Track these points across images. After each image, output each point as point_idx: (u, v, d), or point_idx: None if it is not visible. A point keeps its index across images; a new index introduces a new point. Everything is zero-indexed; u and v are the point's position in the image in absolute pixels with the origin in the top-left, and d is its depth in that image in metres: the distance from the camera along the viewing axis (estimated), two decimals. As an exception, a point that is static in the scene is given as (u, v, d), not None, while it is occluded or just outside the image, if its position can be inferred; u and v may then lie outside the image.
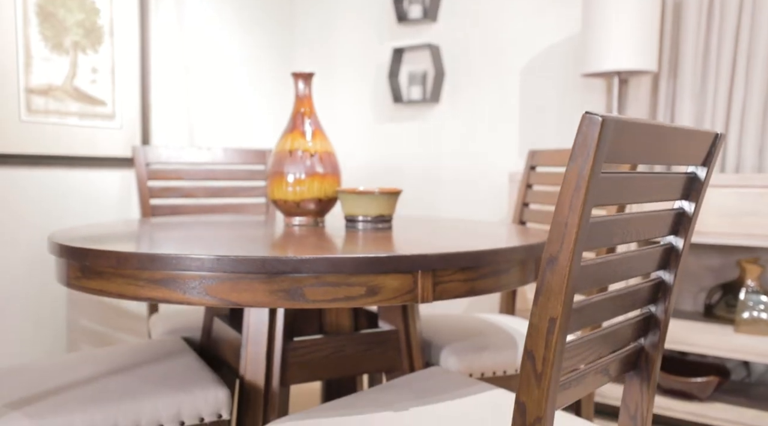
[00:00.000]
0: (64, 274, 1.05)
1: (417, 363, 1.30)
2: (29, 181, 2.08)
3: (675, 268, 0.89)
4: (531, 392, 0.67)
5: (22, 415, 0.96)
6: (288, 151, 1.38)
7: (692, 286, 2.20)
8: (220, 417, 1.08)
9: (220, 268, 0.90)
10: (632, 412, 0.92)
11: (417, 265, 0.93)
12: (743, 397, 1.92)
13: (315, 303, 0.91)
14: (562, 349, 0.66)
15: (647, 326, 0.90)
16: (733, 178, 1.78)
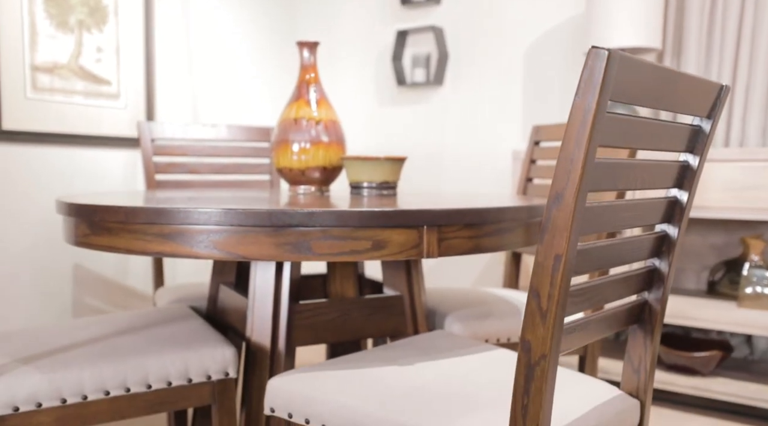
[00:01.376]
0: (72, 232, 1.06)
1: (422, 328, 1.30)
2: (35, 158, 2.09)
3: (679, 223, 0.89)
4: (536, 330, 0.68)
5: (34, 370, 0.97)
6: (293, 120, 1.38)
7: (695, 265, 2.20)
8: (227, 375, 1.09)
9: (227, 221, 0.91)
10: (636, 366, 0.93)
11: (422, 220, 0.94)
12: (746, 372, 1.93)
13: (321, 256, 0.92)
14: (567, 287, 0.67)
15: (651, 280, 0.91)
16: (737, 153, 1.78)
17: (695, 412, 1.87)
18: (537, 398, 0.68)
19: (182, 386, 1.05)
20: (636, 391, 0.93)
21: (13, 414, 0.94)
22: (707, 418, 1.81)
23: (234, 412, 1.11)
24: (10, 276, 2.03)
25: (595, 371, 1.47)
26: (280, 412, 0.91)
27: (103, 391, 0.99)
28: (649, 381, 0.93)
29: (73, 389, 0.97)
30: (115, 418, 1.01)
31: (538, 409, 0.68)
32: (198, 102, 2.64)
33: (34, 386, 0.95)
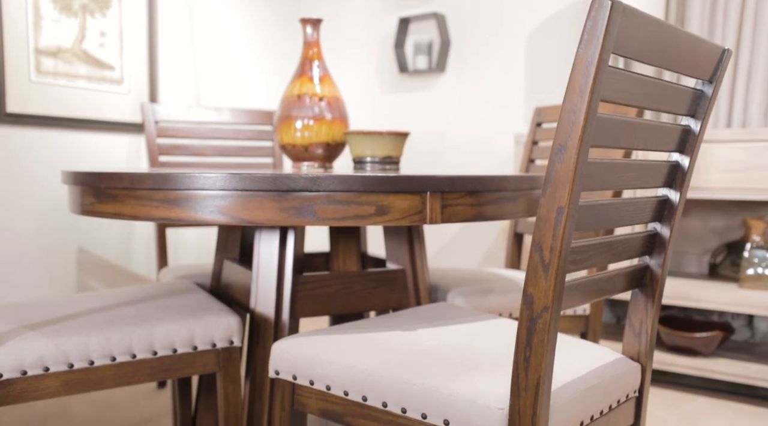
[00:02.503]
0: (77, 201, 1.07)
1: (424, 301, 1.31)
2: (39, 141, 2.10)
3: (680, 188, 0.90)
4: (538, 283, 0.69)
5: (41, 335, 0.98)
6: (296, 96, 1.39)
7: (697, 249, 2.21)
8: (232, 343, 1.10)
9: (231, 186, 0.91)
10: (637, 330, 0.94)
11: (425, 186, 0.94)
12: (747, 354, 1.94)
13: (325, 221, 0.92)
14: (569, 240, 0.68)
15: (652, 244, 0.91)
16: (739, 133, 1.78)
17: (696, 393, 1.88)
18: (539, 350, 0.69)
19: (187, 354, 1.07)
20: (637, 355, 0.94)
21: (21, 378, 0.95)
22: (708, 398, 1.82)
23: (239, 381, 1.12)
24: (16, 259, 2.04)
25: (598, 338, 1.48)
26: (285, 375, 0.92)
27: (110, 356, 1.01)
28: (650, 345, 0.94)
29: (80, 354, 0.99)
30: (121, 384, 1.02)
31: (540, 361, 0.69)
32: (200, 88, 2.65)
33: (41, 350, 0.96)
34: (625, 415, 0.90)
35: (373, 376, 0.83)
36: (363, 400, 0.84)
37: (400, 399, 0.80)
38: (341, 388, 0.86)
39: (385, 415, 0.82)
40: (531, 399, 0.70)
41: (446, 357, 0.86)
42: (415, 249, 1.32)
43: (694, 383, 1.97)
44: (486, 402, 0.74)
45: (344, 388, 0.86)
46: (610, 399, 0.85)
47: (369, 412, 0.84)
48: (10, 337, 0.97)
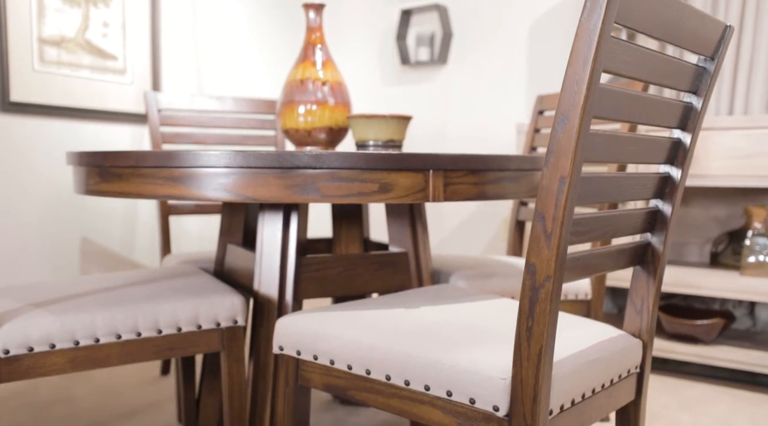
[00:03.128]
0: (83, 182, 1.08)
1: (426, 284, 1.32)
2: (42, 130, 2.10)
3: (682, 164, 0.91)
4: (541, 253, 0.69)
5: (47, 313, 0.99)
6: (299, 81, 1.40)
7: (698, 238, 2.21)
8: (236, 322, 1.11)
9: (236, 163, 0.92)
10: (638, 307, 0.95)
11: (429, 164, 0.95)
12: (748, 342, 1.94)
13: (328, 198, 0.93)
14: (571, 209, 0.68)
15: (654, 221, 0.92)
16: (741, 120, 1.78)
17: (697, 380, 1.88)
18: (541, 319, 0.70)
19: (192, 332, 1.07)
20: (638, 332, 0.94)
21: (27, 354, 0.96)
22: (709, 385, 1.83)
23: (243, 360, 1.13)
24: (20, 248, 2.05)
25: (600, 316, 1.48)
26: (289, 350, 0.93)
27: (115, 334, 1.01)
28: (651, 322, 0.94)
29: (86, 332, 0.99)
30: (126, 362, 1.03)
31: (542, 331, 0.70)
32: (203, 79, 2.66)
33: (47, 327, 0.97)
34: (627, 390, 0.91)
35: (376, 349, 0.84)
36: (366, 373, 0.85)
37: (403, 372, 0.81)
38: (345, 363, 0.87)
39: (389, 387, 0.83)
40: (533, 369, 0.71)
41: (449, 332, 0.87)
42: (418, 232, 1.32)
43: (695, 371, 1.97)
44: (488, 373, 0.75)
45: (348, 362, 0.86)
46: (611, 373, 0.86)
47: (372, 385, 0.85)
48: (16, 314, 0.98)
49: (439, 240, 2.85)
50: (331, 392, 0.89)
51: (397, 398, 0.83)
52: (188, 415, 1.47)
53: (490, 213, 2.70)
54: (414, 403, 0.81)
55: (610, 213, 0.81)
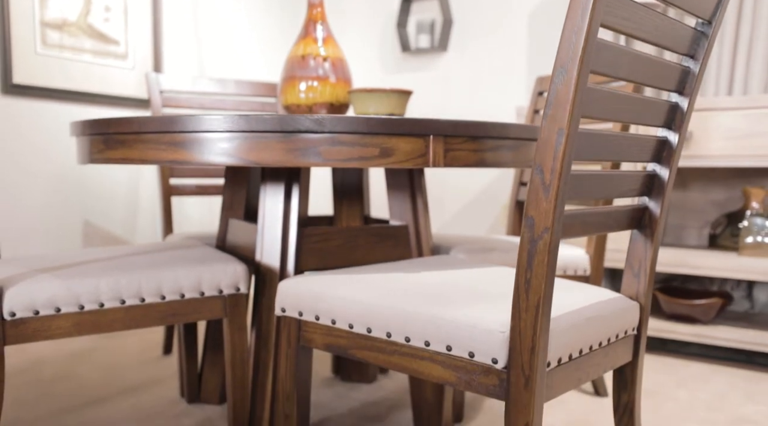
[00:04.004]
0: (86, 150, 1.09)
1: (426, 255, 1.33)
2: (44, 113, 2.11)
3: (679, 129, 0.92)
4: (539, 205, 0.70)
5: (52, 277, 1.00)
6: (300, 57, 1.41)
7: (696, 221, 2.22)
8: (238, 290, 1.12)
9: (238, 127, 0.93)
10: (636, 270, 0.96)
11: (429, 129, 0.96)
12: (746, 322, 1.95)
13: (330, 162, 0.94)
14: (569, 161, 0.70)
15: (651, 185, 0.93)
16: (740, 100, 1.79)
17: (694, 360, 1.89)
18: (539, 271, 0.71)
19: (195, 299, 1.09)
20: (636, 295, 0.96)
21: (33, 317, 0.98)
22: (705, 364, 1.84)
23: (245, 328, 1.14)
24: (23, 231, 2.06)
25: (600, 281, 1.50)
26: (291, 311, 0.94)
27: (119, 299, 1.03)
28: (649, 285, 0.95)
29: (90, 296, 1.01)
30: (130, 327, 1.04)
31: (540, 283, 0.71)
32: (204, 65, 2.67)
33: (53, 291, 0.98)
34: (624, 351, 0.92)
35: (377, 307, 0.85)
36: (367, 331, 0.86)
37: (403, 328, 0.82)
38: (346, 322, 0.88)
39: (389, 345, 0.84)
40: (531, 320, 0.72)
41: (448, 291, 0.88)
42: (418, 206, 1.34)
43: (693, 351, 1.99)
44: (487, 326, 0.76)
45: (349, 321, 0.88)
46: (608, 332, 0.87)
47: (373, 343, 0.86)
48: (22, 278, 0.99)
49: (439, 225, 2.86)
50: (332, 352, 0.90)
51: (397, 355, 0.84)
52: (191, 389, 1.49)
53: (491, 198, 2.71)
54: (414, 359, 0.82)
55: (608, 172, 0.82)
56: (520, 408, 0.73)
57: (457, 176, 2.81)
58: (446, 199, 2.84)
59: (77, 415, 1.42)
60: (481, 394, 0.77)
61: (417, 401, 1.34)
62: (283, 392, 0.96)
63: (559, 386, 0.78)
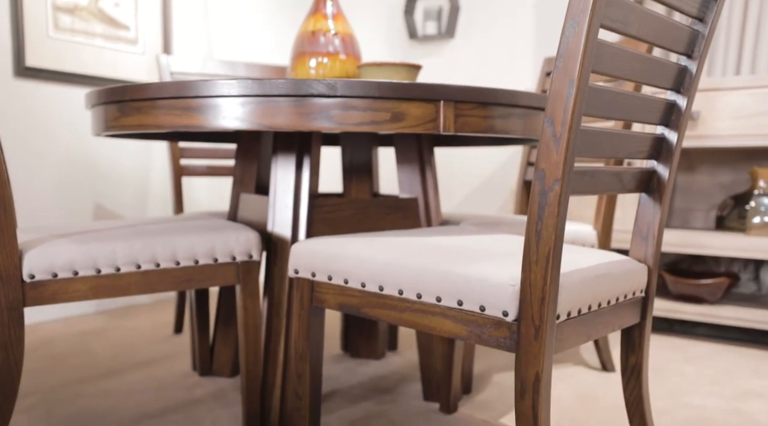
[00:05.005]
0: (101, 120, 1.11)
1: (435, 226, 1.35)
2: (56, 96, 2.14)
3: (688, 92, 0.93)
4: (549, 157, 0.72)
5: (71, 242, 1.02)
6: (311, 33, 1.42)
7: (704, 204, 2.22)
8: (251, 257, 1.14)
9: (252, 91, 0.95)
10: (644, 234, 0.97)
11: (439, 94, 0.97)
12: (753, 303, 1.96)
13: (342, 126, 0.96)
14: (579, 113, 0.71)
15: (660, 148, 0.94)
16: (748, 79, 1.80)
17: (701, 340, 1.90)
18: (550, 222, 0.72)
19: (209, 265, 1.11)
20: (644, 258, 0.97)
21: (52, 280, 1.00)
22: (713, 344, 1.85)
23: (257, 294, 1.16)
24: (36, 214, 2.09)
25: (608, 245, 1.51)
26: (304, 273, 0.96)
27: (135, 264, 1.05)
28: (657, 249, 0.96)
29: (107, 260, 1.03)
30: (146, 291, 1.06)
31: (551, 234, 0.72)
32: (214, 51, 2.68)
33: (70, 254, 1.00)
34: (632, 311, 0.94)
35: (389, 265, 0.86)
36: (380, 289, 0.88)
37: (415, 285, 0.84)
38: (358, 281, 0.90)
39: (401, 302, 0.86)
40: (541, 271, 0.73)
41: (459, 251, 0.90)
42: (427, 179, 1.35)
43: (701, 332, 1.99)
44: (498, 280, 0.77)
45: (361, 280, 0.89)
46: (616, 291, 0.88)
47: (385, 301, 0.88)
48: (41, 242, 1.01)
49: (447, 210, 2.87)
50: (344, 311, 0.92)
51: (409, 312, 0.85)
52: (203, 362, 1.51)
53: (499, 183, 2.72)
54: (426, 315, 0.84)
55: (618, 131, 0.83)
56: (530, 358, 0.75)
57: (465, 161, 2.82)
58: (454, 184, 2.85)
59: (91, 385, 1.44)
60: (491, 346, 0.78)
61: (426, 373, 1.36)
62: (296, 352, 0.98)
63: (568, 340, 0.80)
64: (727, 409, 1.34)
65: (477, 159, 2.79)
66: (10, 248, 0.97)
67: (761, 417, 1.29)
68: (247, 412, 1.17)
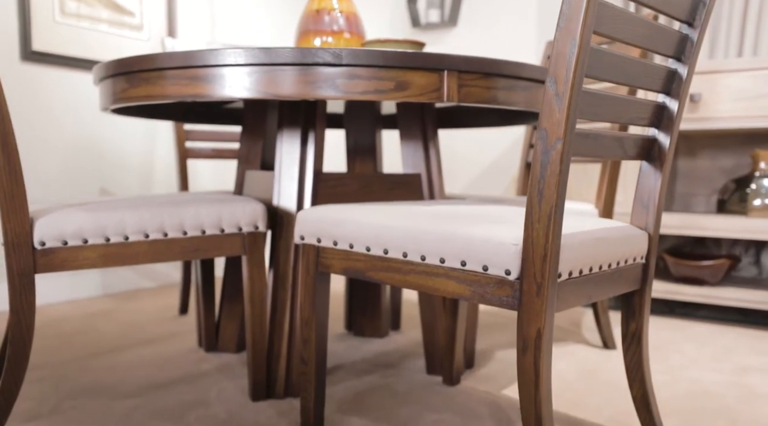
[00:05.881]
0: (109, 93, 1.12)
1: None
2: (62, 81, 2.16)
3: (688, 60, 0.94)
4: (552, 116, 0.73)
5: (79, 210, 1.04)
6: (315, 11, 1.43)
7: (705, 189, 2.23)
8: (257, 228, 1.16)
9: (258, 60, 0.96)
10: (645, 202, 0.98)
11: (444, 63, 0.99)
12: (754, 286, 1.97)
13: (347, 94, 0.97)
14: (581, 73, 0.72)
15: (661, 116, 0.95)
16: (749, 61, 1.80)
17: (702, 321, 1.92)
18: (552, 181, 0.74)
19: (215, 236, 1.12)
20: (644, 226, 0.98)
21: (62, 247, 1.02)
22: (714, 325, 1.86)
23: (263, 265, 1.18)
24: (40, 195, 2.11)
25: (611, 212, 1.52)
26: (310, 239, 0.98)
27: (143, 233, 1.07)
28: (657, 216, 0.98)
29: (116, 229, 1.05)
30: (154, 260, 1.08)
31: (553, 193, 0.74)
32: (217, 38, 2.70)
33: (80, 222, 1.02)
34: (632, 277, 0.95)
35: (393, 229, 0.88)
36: (384, 253, 0.89)
37: (419, 247, 0.85)
38: (363, 245, 0.91)
39: (406, 264, 0.88)
40: (543, 229, 0.75)
41: (462, 216, 0.91)
42: (431, 155, 1.36)
43: (702, 314, 2.01)
44: (501, 240, 0.79)
45: (366, 244, 0.91)
46: (617, 255, 0.90)
47: (390, 264, 0.89)
48: (51, 211, 1.03)
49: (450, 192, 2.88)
50: (349, 276, 0.94)
51: (413, 274, 0.87)
52: (208, 339, 1.53)
53: (501, 170, 2.74)
54: (430, 276, 0.85)
55: (620, 95, 0.84)
56: (532, 315, 0.76)
57: (467, 148, 2.83)
58: (457, 170, 2.87)
59: (98, 360, 1.46)
60: (494, 305, 0.80)
61: (429, 347, 1.38)
62: (302, 318, 0.99)
63: (569, 299, 0.81)
64: (725, 382, 1.35)
65: (479, 145, 2.80)
66: (21, 215, 0.99)
67: (760, 389, 1.31)
68: (254, 381, 1.19)
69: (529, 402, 0.78)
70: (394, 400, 1.21)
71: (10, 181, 0.98)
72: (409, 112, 1.38)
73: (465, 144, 2.84)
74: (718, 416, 1.16)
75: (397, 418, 1.13)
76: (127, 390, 1.27)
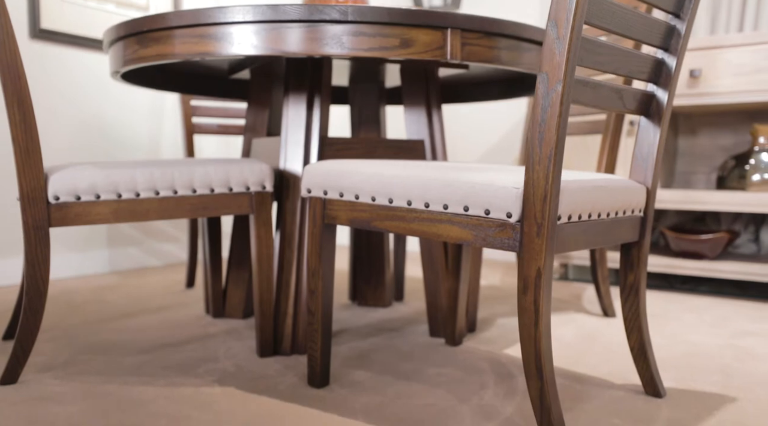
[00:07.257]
0: (120, 56, 1.15)
1: (442, 171, 1.39)
2: (70, 60, 2.18)
3: (686, 16, 0.96)
4: (552, 59, 0.75)
5: (92, 167, 1.07)
6: (321, -18, 1.46)
7: (705, 167, 2.25)
8: (264, 188, 1.19)
9: (265, 17, 0.99)
10: (644, 156, 1.01)
11: (447, 21, 1.01)
12: (752, 261, 1.99)
13: (353, 50, 1.00)
14: (582, 17, 0.75)
15: (660, 72, 0.98)
16: (750, 36, 1.82)
17: (700, 295, 1.94)
18: (551, 123, 0.76)
19: (224, 194, 1.15)
20: (643, 180, 1.01)
21: (75, 202, 1.05)
22: (714, 298, 1.89)
23: (270, 225, 1.20)
24: (49, 170, 2.14)
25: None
26: (316, 191, 1.00)
27: (154, 190, 1.09)
28: (656, 171, 1.00)
29: (127, 186, 1.07)
30: (164, 217, 1.11)
31: (552, 136, 0.76)
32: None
33: (93, 178, 1.05)
34: (631, 228, 0.98)
35: (397, 178, 0.91)
36: (389, 202, 0.92)
37: (423, 195, 0.88)
38: (369, 195, 0.94)
39: (410, 212, 0.90)
40: (543, 171, 0.77)
41: (464, 167, 0.94)
42: (434, 122, 1.39)
43: (702, 290, 2.03)
44: (502, 184, 0.81)
45: (372, 194, 0.94)
46: (616, 205, 0.92)
47: (395, 212, 0.92)
48: (65, 167, 1.06)
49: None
50: (355, 226, 0.96)
51: (418, 221, 0.90)
52: (216, 305, 1.56)
53: (504, 151, 2.76)
54: (433, 223, 0.88)
55: (618, 46, 0.87)
56: (533, 255, 0.79)
57: (470, 129, 2.86)
58: (459, 153, 2.89)
59: (109, 325, 1.49)
60: (496, 248, 0.82)
61: (432, 311, 1.41)
62: (309, 269, 1.02)
63: (569, 242, 0.84)
64: (723, 345, 1.38)
65: (481, 127, 2.82)
66: (36, 170, 1.02)
67: (757, 350, 1.33)
68: (261, 338, 1.22)
69: (530, 341, 0.80)
70: (397, 358, 1.24)
71: (25, 138, 1.01)
72: (413, 80, 1.40)
73: (466, 125, 2.86)
74: (713, 372, 1.19)
75: (401, 371, 1.16)
76: (137, 347, 1.30)
